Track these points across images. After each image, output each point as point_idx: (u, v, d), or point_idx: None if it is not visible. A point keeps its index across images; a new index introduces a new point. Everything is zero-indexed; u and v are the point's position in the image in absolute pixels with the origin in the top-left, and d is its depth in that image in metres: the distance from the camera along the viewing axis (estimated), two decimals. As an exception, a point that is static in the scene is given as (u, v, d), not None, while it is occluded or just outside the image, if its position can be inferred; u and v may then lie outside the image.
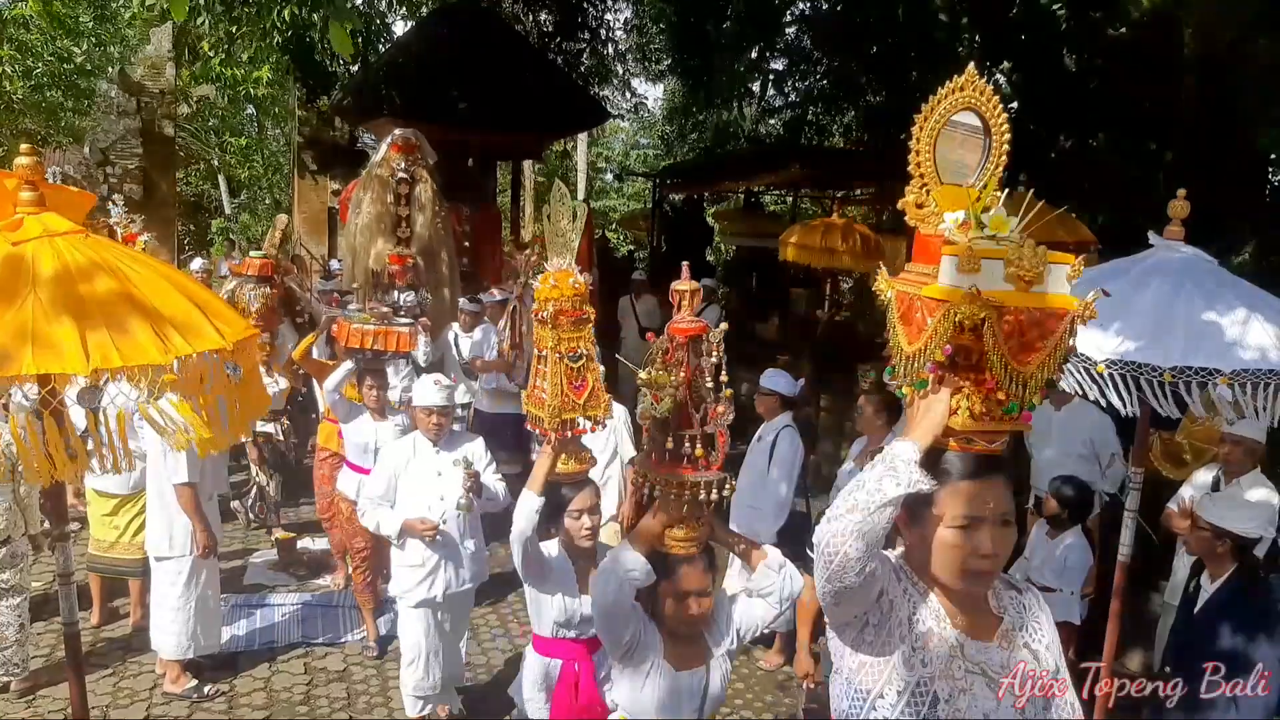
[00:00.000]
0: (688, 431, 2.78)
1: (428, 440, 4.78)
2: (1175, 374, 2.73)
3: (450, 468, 4.67)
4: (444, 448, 4.77)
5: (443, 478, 4.68)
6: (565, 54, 15.22)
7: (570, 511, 3.60)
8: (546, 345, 3.36)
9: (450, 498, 4.65)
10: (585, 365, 3.37)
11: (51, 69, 18.50)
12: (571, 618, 3.66)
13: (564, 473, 3.54)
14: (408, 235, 6.68)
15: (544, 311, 3.31)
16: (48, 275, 2.31)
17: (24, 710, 5.01)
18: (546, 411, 3.32)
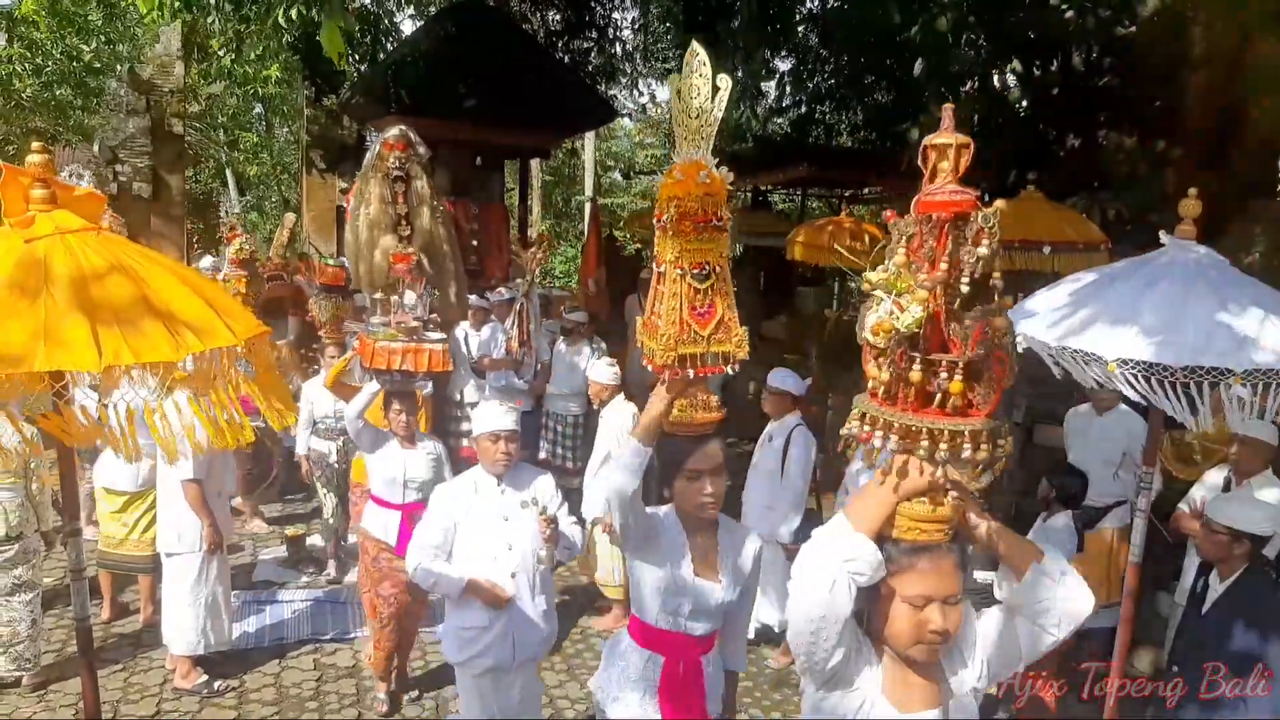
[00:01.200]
0: (943, 358, 1.91)
1: (491, 476, 4.02)
2: (1187, 373, 2.72)
3: (519, 511, 3.95)
4: (509, 484, 4.02)
5: (510, 523, 3.95)
6: (573, 52, 15.21)
7: (687, 471, 2.95)
8: (665, 259, 2.73)
9: (520, 547, 3.94)
10: (714, 286, 2.72)
11: (61, 67, 18.55)
12: (682, 604, 3.03)
13: (680, 422, 2.91)
14: (408, 233, 6.69)
15: (665, 215, 2.70)
16: (60, 272, 2.32)
17: (36, 705, 5.03)
18: (660, 342, 2.68)
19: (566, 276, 21.48)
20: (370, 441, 5.14)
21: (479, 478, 4.05)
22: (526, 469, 4.19)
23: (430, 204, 6.75)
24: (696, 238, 2.68)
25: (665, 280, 2.72)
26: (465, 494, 4.01)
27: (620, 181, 30.31)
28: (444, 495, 4.04)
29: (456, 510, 3.97)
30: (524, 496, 3.97)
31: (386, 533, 5.05)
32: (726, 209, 2.71)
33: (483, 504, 3.98)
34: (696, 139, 2.71)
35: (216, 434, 2.56)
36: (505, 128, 10.84)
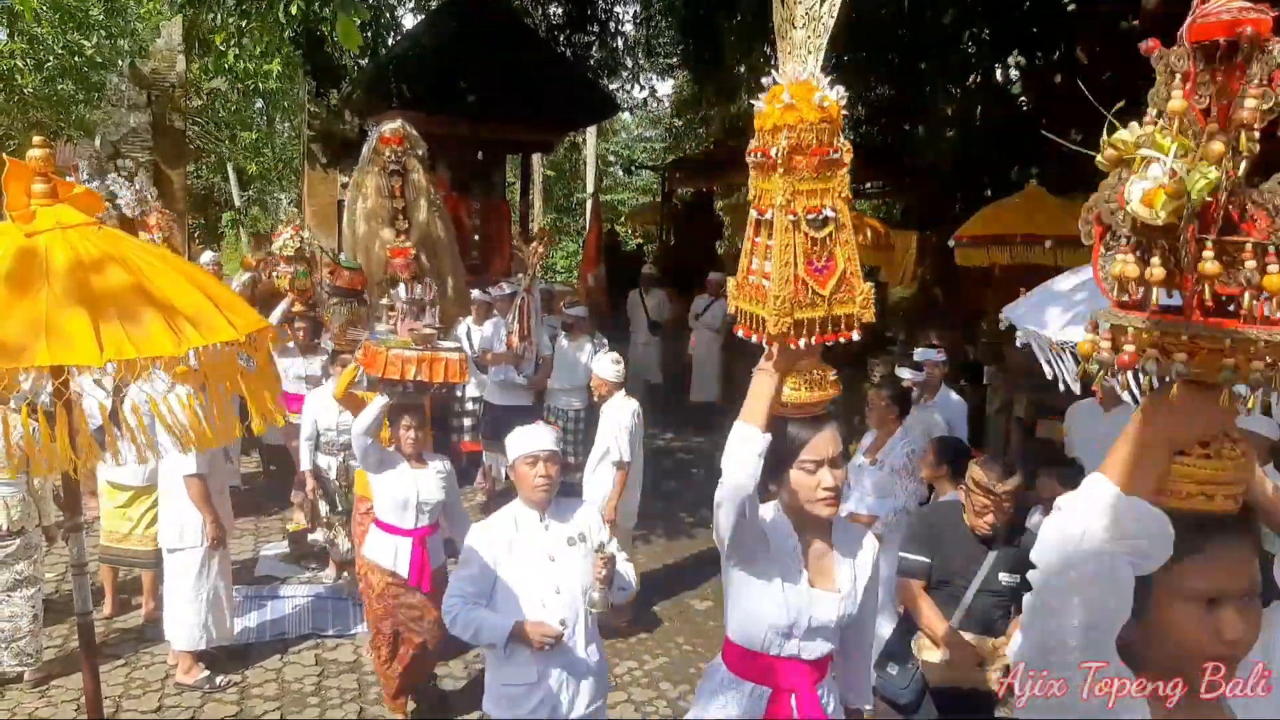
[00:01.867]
0: (1248, 240, 1.33)
1: (532, 510, 3.57)
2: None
3: (565, 548, 3.54)
4: (553, 519, 3.58)
5: (557, 563, 3.51)
6: (574, 47, 15.20)
7: (803, 463, 2.49)
8: (771, 204, 2.22)
9: (568, 590, 3.49)
10: (833, 235, 2.22)
11: (63, 62, 18.56)
12: (796, 622, 2.55)
13: (794, 403, 2.45)
14: (406, 227, 6.70)
15: (773, 147, 2.19)
16: (61, 267, 2.32)
17: (38, 700, 5.04)
18: (769, 306, 2.19)
19: (567, 271, 21.49)
20: (377, 461, 4.74)
21: (519, 513, 3.59)
22: (567, 500, 3.75)
23: (428, 198, 6.75)
24: (812, 176, 2.18)
25: (773, 230, 2.20)
26: (505, 532, 3.55)
27: (621, 177, 30.31)
28: (482, 534, 3.58)
29: (497, 551, 3.51)
30: (570, 532, 3.55)
31: (396, 561, 4.71)
32: (844, 143, 2.22)
33: (525, 542, 3.52)
34: (803, 52, 2.22)
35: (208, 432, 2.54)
36: (507, 122, 10.84)
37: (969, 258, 7.26)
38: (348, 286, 6.78)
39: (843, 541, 2.66)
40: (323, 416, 6.35)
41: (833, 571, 2.61)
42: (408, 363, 4.69)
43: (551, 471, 3.55)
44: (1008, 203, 7.25)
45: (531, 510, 3.58)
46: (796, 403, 2.43)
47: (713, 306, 11.60)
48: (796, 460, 2.48)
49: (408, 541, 4.73)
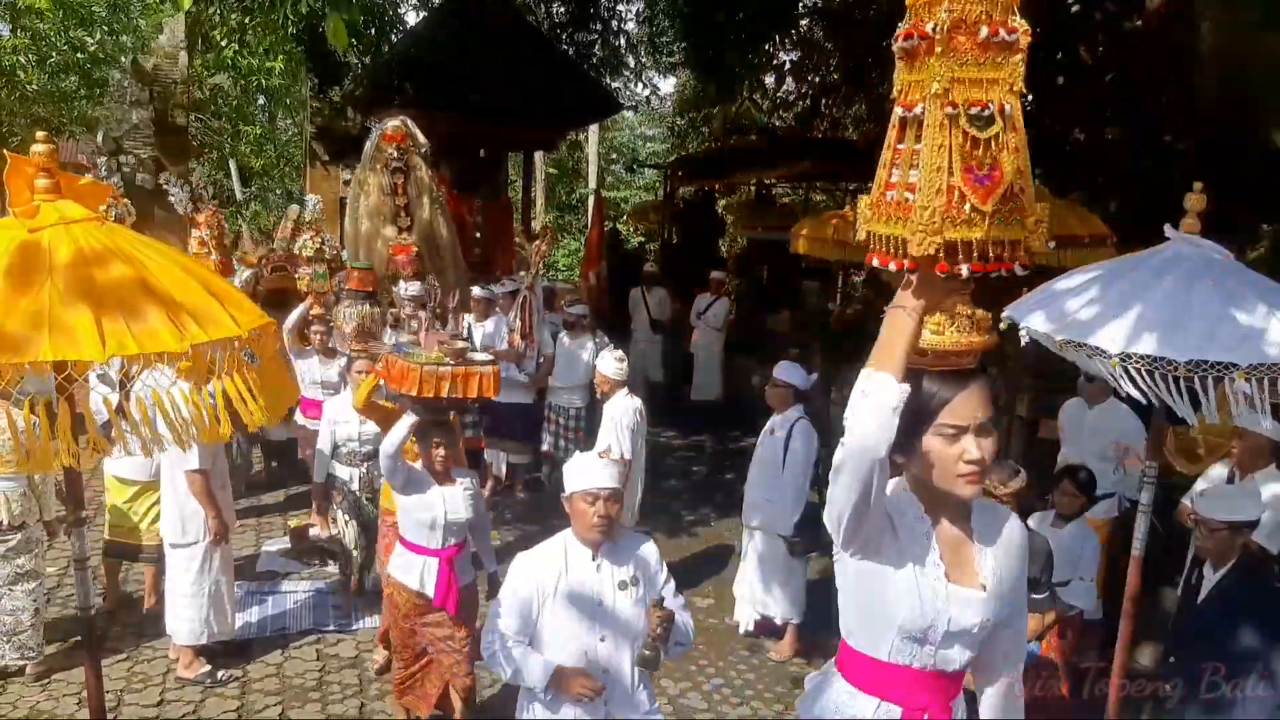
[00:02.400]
0: None
1: (585, 546, 3.29)
2: (1191, 368, 2.71)
3: (617, 593, 3.25)
4: (606, 557, 3.28)
5: (605, 608, 3.23)
6: (577, 45, 15.20)
7: (941, 427, 2.02)
8: (922, 95, 1.84)
9: (616, 639, 3.24)
10: (999, 139, 1.79)
11: (65, 58, 18.58)
12: (934, 625, 2.10)
13: (936, 350, 1.99)
14: (408, 224, 6.71)
15: (930, 23, 1.79)
16: (64, 262, 2.32)
17: (39, 694, 5.04)
18: (913, 222, 1.82)
19: (569, 269, 21.48)
20: (404, 481, 4.45)
21: (570, 545, 3.30)
22: (626, 536, 3.42)
23: (431, 195, 6.75)
24: (978, 61, 1.78)
25: (924, 128, 1.83)
26: (553, 566, 3.26)
27: (624, 175, 30.31)
28: (529, 564, 3.29)
29: (544, 584, 3.23)
30: (624, 574, 3.27)
31: (423, 582, 4.48)
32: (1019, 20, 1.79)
33: (574, 580, 3.24)
34: None
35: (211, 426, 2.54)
36: (509, 120, 10.83)
37: (971, 257, 7.25)
38: (359, 287, 6.50)
39: (984, 527, 2.21)
40: (342, 427, 6.07)
41: (974, 563, 2.17)
42: (441, 379, 4.37)
43: (611, 511, 3.23)
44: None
45: (583, 546, 3.29)
46: (939, 350, 1.99)
47: (715, 305, 11.60)
48: (934, 424, 2.03)
49: (435, 562, 4.48)
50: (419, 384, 4.36)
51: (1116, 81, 9.07)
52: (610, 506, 3.23)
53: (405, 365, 4.44)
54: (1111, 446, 5.77)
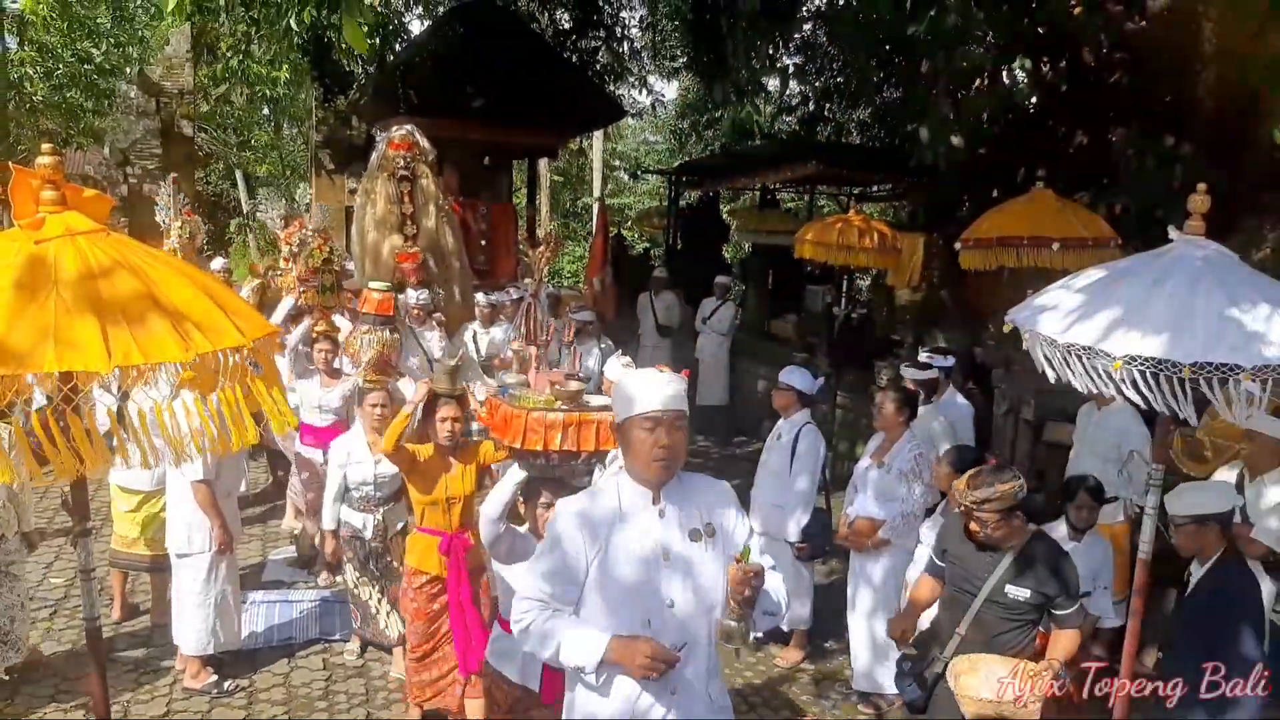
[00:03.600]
0: None
1: (643, 488, 2.68)
2: (1195, 370, 2.70)
3: (688, 545, 2.64)
4: (672, 501, 2.67)
5: (673, 565, 2.61)
6: (580, 51, 15.23)
7: None
8: None
9: (686, 604, 2.61)
10: None
11: (71, 70, 18.67)
12: None
13: None
14: (414, 232, 6.72)
15: None
16: (70, 274, 2.33)
17: (47, 705, 5.05)
18: None
19: (574, 276, 21.51)
20: (509, 550, 3.70)
21: (625, 488, 2.70)
22: (692, 477, 2.80)
23: (436, 204, 6.77)
24: None
25: None
26: (604, 513, 2.66)
27: (627, 181, 30.34)
28: (573, 513, 2.69)
29: (593, 537, 2.63)
30: (695, 521, 2.67)
31: (525, 674, 3.75)
32: None
33: (631, 531, 2.63)
34: None
35: (220, 437, 2.55)
36: (513, 127, 10.86)
37: (975, 260, 7.24)
38: (378, 311, 5.99)
39: None
40: (355, 468, 5.31)
41: None
42: (551, 428, 3.68)
43: (676, 440, 2.62)
44: (1014, 205, 7.22)
45: (641, 489, 2.68)
46: None
47: (720, 310, 11.59)
48: None
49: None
50: (523, 434, 3.68)
51: (1120, 83, 9.06)
52: (675, 434, 2.62)
53: (509, 411, 3.75)
54: (1115, 449, 5.75)
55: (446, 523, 4.65)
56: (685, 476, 2.75)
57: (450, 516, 4.65)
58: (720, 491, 2.80)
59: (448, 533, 4.64)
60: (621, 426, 2.70)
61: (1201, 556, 4.00)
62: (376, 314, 6.03)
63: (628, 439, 2.67)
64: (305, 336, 6.65)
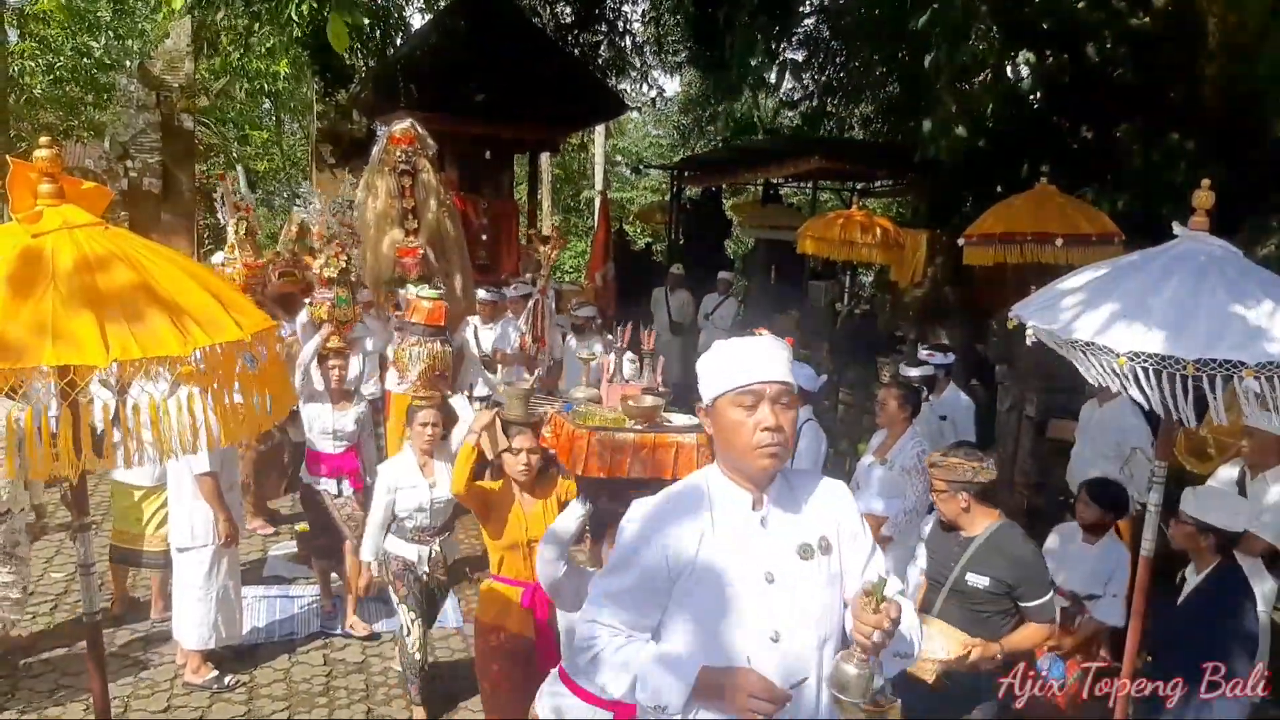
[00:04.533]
0: None
1: (740, 488, 2.14)
2: (1199, 366, 2.69)
3: (795, 564, 2.09)
4: (777, 505, 2.14)
5: (779, 587, 2.07)
6: (582, 46, 15.21)
7: None
8: None
9: (796, 638, 2.07)
10: None
11: (71, 63, 18.66)
12: None
13: None
14: (415, 227, 6.69)
15: None
16: (67, 267, 2.31)
17: (46, 700, 5.05)
18: None
19: (576, 271, 21.49)
20: (574, 595, 3.21)
21: (717, 488, 2.15)
22: (804, 475, 2.28)
23: (438, 198, 6.74)
24: None
25: None
26: (689, 521, 2.11)
27: (629, 176, 30.32)
28: (649, 522, 2.16)
29: (679, 550, 2.08)
30: (806, 535, 2.11)
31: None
32: None
33: (725, 547, 2.08)
34: None
35: (230, 429, 2.54)
36: (515, 122, 10.85)
37: (979, 256, 7.22)
38: (429, 321, 5.55)
39: None
40: (405, 494, 4.82)
41: None
42: (620, 452, 3.20)
43: (784, 422, 2.06)
44: (1018, 201, 7.20)
45: (740, 488, 2.13)
46: None
47: (722, 306, 11.58)
48: None
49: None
50: (585, 458, 3.11)
51: (1124, 79, 9.03)
52: (784, 414, 2.06)
53: (572, 430, 3.21)
54: (1116, 446, 5.74)
55: (528, 570, 3.94)
56: (791, 474, 2.21)
57: (531, 562, 3.91)
58: (836, 493, 2.23)
59: (530, 582, 3.94)
60: (711, 408, 2.16)
61: (1198, 563, 3.97)
62: (426, 324, 5.57)
63: (720, 423, 2.12)
64: (317, 353, 6.14)
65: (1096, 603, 4.69)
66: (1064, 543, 4.94)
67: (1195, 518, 3.88)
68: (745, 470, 2.12)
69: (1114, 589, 4.87)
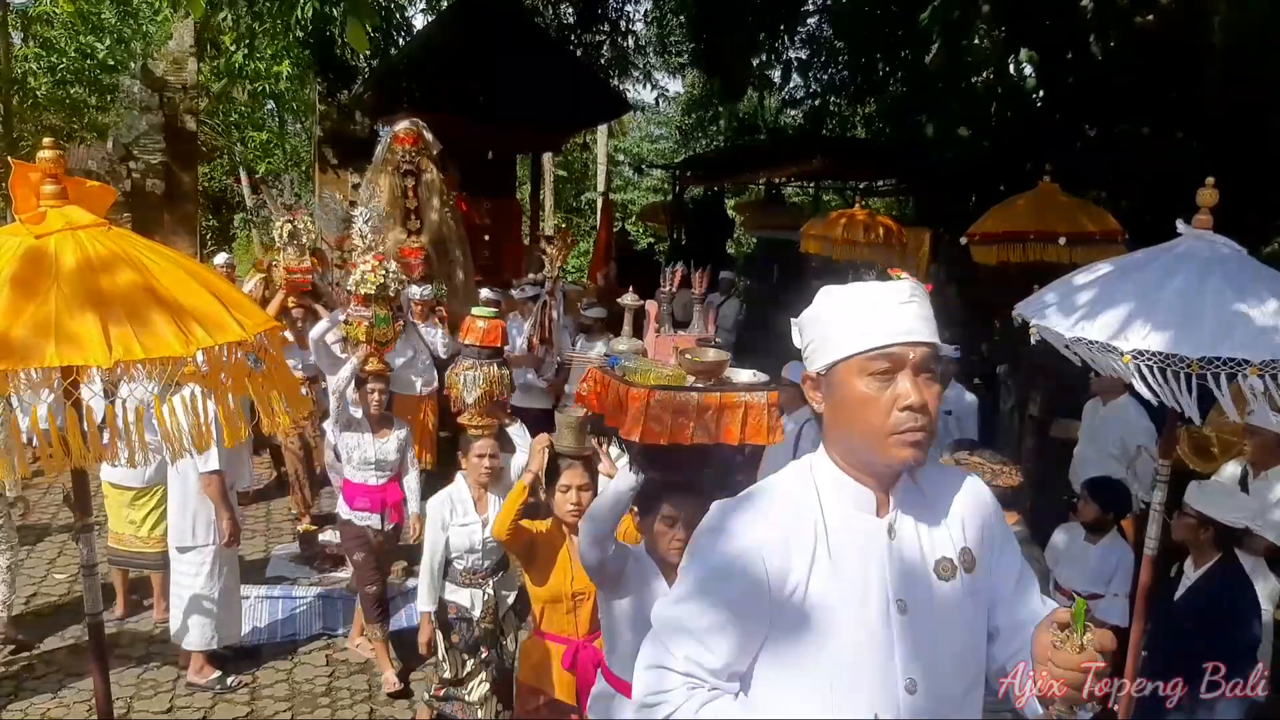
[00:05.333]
0: None
1: (860, 488, 1.66)
2: (1203, 364, 2.69)
3: (934, 585, 1.64)
4: (907, 511, 1.67)
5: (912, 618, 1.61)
6: (585, 46, 15.21)
7: None
8: None
9: (935, 676, 1.61)
10: None
11: (75, 65, 18.70)
12: None
13: None
14: (418, 226, 6.70)
15: None
16: (70, 268, 2.32)
17: (49, 701, 5.05)
18: None
19: (578, 271, 21.50)
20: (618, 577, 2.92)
21: (827, 487, 1.67)
22: (937, 471, 1.78)
23: (441, 197, 6.74)
24: None
25: None
26: (795, 531, 1.62)
27: (631, 176, 30.32)
28: (737, 528, 1.65)
29: (777, 573, 1.59)
30: (945, 547, 1.67)
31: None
32: None
33: (842, 564, 1.61)
34: None
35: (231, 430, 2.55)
36: (518, 122, 10.83)
37: (982, 255, 7.21)
38: (484, 342, 4.92)
39: None
40: (459, 532, 4.37)
41: None
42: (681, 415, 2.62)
43: (930, 399, 1.58)
44: (1020, 200, 7.19)
45: (861, 486, 1.65)
46: None
47: (724, 306, 11.56)
48: None
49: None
50: (641, 422, 2.61)
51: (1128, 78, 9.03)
52: (929, 389, 1.59)
53: (624, 390, 2.70)
54: (1119, 444, 5.73)
55: (573, 626, 3.54)
56: (924, 468, 1.69)
57: (578, 617, 3.53)
58: (977, 494, 1.74)
59: (574, 639, 3.54)
60: (825, 378, 1.66)
61: (1197, 559, 3.96)
62: (482, 346, 4.91)
63: (839, 398, 1.63)
64: (353, 377, 5.60)
65: (1098, 602, 4.69)
66: (1068, 542, 4.94)
67: (1198, 510, 3.88)
68: (871, 463, 1.62)
69: (1116, 588, 4.86)
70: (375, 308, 5.72)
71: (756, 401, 2.71)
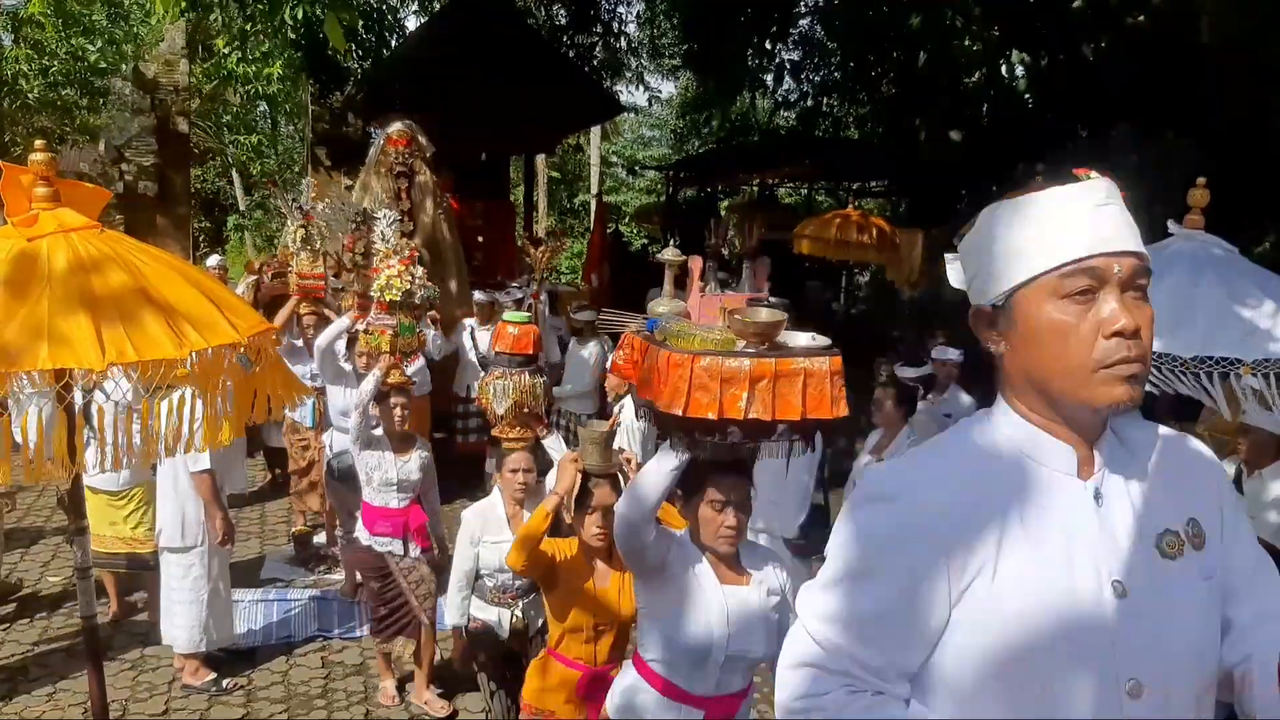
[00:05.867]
0: None
1: (1051, 439, 1.34)
2: (1196, 364, 2.70)
3: (1153, 560, 1.31)
4: (1116, 470, 1.36)
5: (1132, 603, 1.28)
6: (578, 47, 15.22)
7: None
8: None
9: (1163, 673, 1.28)
10: None
11: (66, 67, 18.65)
12: None
13: None
14: (411, 229, 6.69)
15: None
16: (62, 270, 2.32)
17: (44, 703, 5.04)
18: None
19: (573, 273, 21.50)
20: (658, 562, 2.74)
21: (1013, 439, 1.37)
22: (1135, 424, 1.44)
23: (434, 199, 6.75)
24: None
25: None
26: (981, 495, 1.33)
27: (625, 177, 30.34)
28: (905, 496, 1.37)
29: (961, 551, 1.30)
30: (1168, 518, 1.36)
31: None
32: None
33: (1041, 539, 1.30)
34: None
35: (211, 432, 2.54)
36: (510, 123, 10.83)
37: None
38: (516, 350, 4.41)
39: None
40: (490, 550, 4.10)
41: None
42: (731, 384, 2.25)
43: (1143, 323, 1.29)
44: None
45: (1057, 444, 1.35)
46: None
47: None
48: None
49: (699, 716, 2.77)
50: (687, 393, 2.26)
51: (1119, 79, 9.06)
52: (1141, 311, 1.29)
53: (668, 356, 2.34)
54: None
55: (590, 655, 3.33)
56: (1120, 423, 1.38)
57: (597, 647, 3.33)
58: (1199, 456, 1.47)
59: (590, 667, 3.33)
60: (1006, 307, 1.36)
61: None
62: (513, 353, 4.35)
63: (1028, 330, 1.32)
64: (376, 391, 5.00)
65: None
66: None
67: None
68: (1073, 411, 1.31)
69: None
70: (399, 316, 5.30)
71: (818, 368, 2.32)
